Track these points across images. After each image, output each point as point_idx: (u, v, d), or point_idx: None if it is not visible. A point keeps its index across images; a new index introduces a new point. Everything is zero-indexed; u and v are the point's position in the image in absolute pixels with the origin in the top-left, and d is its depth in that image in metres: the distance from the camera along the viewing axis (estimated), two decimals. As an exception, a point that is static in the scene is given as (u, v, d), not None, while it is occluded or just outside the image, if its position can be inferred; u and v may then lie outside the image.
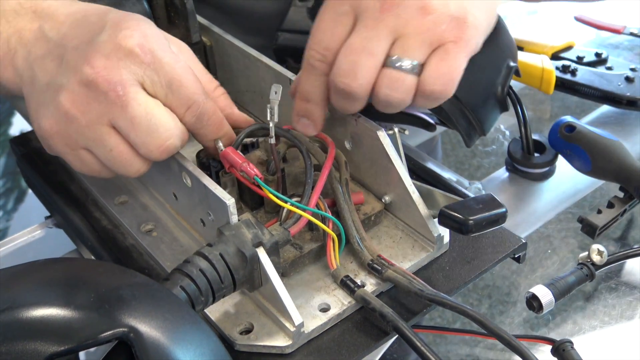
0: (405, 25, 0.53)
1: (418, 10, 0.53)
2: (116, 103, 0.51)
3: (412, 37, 0.53)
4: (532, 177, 0.76)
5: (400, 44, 0.53)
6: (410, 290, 0.54)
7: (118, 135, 0.53)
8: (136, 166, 0.54)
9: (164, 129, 0.52)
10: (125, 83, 0.51)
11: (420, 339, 0.52)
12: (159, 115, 0.52)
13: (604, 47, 0.89)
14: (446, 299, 0.53)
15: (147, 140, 0.52)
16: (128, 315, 0.41)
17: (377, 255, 0.57)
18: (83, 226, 0.66)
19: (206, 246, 0.51)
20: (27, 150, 0.76)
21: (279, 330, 0.54)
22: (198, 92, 0.54)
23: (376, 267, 0.57)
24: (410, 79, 0.53)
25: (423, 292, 0.54)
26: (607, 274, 0.67)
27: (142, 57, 0.52)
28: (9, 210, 1.81)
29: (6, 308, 0.40)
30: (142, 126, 0.52)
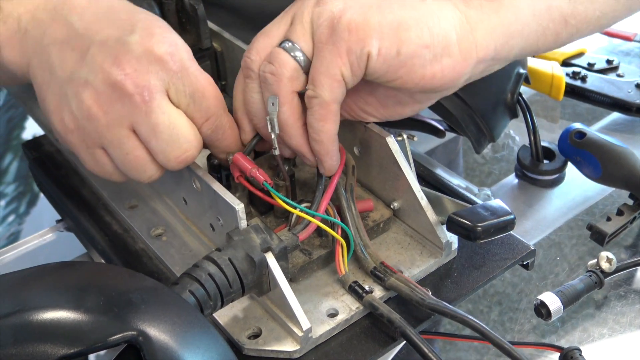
0: (300, 13, 0.53)
1: (314, 4, 0.53)
2: (141, 108, 0.51)
3: (299, 24, 0.53)
4: (542, 184, 0.76)
5: (291, 29, 0.53)
6: (411, 299, 0.55)
7: (137, 139, 0.53)
8: (149, 172, 0.55)
9: (184, 139, 0.53)
10: (152, 89, 0.51)
11: (427, 345, 0.52)
12: (181, 125, 0.53)
13: (615, 54, 0.89)
14: (447, 308, 0.53)
15: (167, 149, 0.53)
16: (137, 318, 0.41)
17: (380, 263, 0.57)
18: (94, 230, 0.67)
19: (215, 251, 0.52)
20: (39, 154, 0.76)
21: (287, 335, 0.54)
22: (218, 104, 0.55)
23: (379, 275, 0.57)
24: (289, 60, 0.52)
25: (424, 301, 0.54)
26: (616, 281, 0.67)
27: (171, 64, 0.52)
28: (21, 213, 1.82)
29: (17, 310, 0.40)
30: (164, 135, 0.52)
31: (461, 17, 0.52)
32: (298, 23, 0.53)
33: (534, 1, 0.54)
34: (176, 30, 0.70)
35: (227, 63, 0.73)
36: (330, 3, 0.52)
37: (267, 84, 0.53)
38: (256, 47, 0.54)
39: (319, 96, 0.52)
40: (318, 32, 0.52)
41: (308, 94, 0.52)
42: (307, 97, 0.52)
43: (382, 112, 0.57)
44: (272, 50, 0.53)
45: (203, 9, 0.69)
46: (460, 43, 0.52)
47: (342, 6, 0.51)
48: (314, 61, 0.52)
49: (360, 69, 0.51)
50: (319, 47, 0.52)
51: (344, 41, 0.50)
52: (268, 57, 0.53)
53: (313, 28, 0.52)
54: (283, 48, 0.52)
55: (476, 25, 0.52)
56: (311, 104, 0.52)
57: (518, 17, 0.54)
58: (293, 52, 0.52)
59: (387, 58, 0.51)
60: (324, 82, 0.51)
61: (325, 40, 0.51)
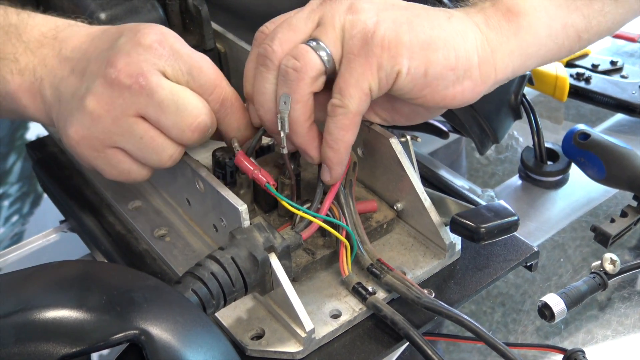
0: (331, 16, 0.52)
1: (346, 10, 0.52)
2: (141, 93, 0.52)
3: (330, 26, 0.52)
4: (545, 185, 0.76)
5: (320, 30, 0.52)
6: (407, 297, 0.55)
7: (146, 122, 0.53)
8: (169, 151, 0.55)
9: (192, 106, 0.53)
10: (146, 73, 0.52)
11: (431, 347, 0.52)
12: (185, 95, 0.53)
13: (619, 55, 0.88)
14: (443, 307, 0.53)
15: (177, 120, 0.53)
16: (139, 317, 0.41)
17: (377, 260, 0.57)
18: (97, 231, 0.67)
19: (218, 249, 0.52)
20: (43, 155, 0.77)
21: (290, 336, 0.54)
22: (219, 77, 0.55)
23: (375, 272, 0.57)
24: (314, 58, 0.51)
25: (420, 299, 0.54)
26: (620, 283, 0.67)
27: (161, 50, 0.53)
28: (25, 214, 1.82)
29: (19, 309, 0.40)
30: (170, 107, 0.53)
31: (482, 39, 0.54)
32: (329, 25, 0.52)
33: (550, 21, 0.56)
34: (180, 31, 0.70)
35: (230, 64, 0.73)
36: (364, 14, 0.52)
37: (288, 79, 0.52)
38: (280, 38, 0.53)
39: (345, 107, 0.52)
40: (350, 43, 0.51)
41: (334, 103, 0.52)
42: (331, 105, 0.52)
43: (394, 117, 0.58)
44: (298, 47, 0.52)
45: (207, 9, 0.70)
46: (481, 66, 0.53)
47: (375, 19, 0.51)
48: (343, 71, 0.52)
49: (388, 85, 0.52)
50: (350, 57, 0.51)
51: (375, 57, 0.51)
52: (293, 52, 0.52)
53: (344, 36, 0.52)
54: (310, 46, 0.52)
55: (496, 48, 0.54)
56: (335, 113, 0.52)
57: (535, 38, 0.55)
58: (320, 52, 0.52)
59: (415, 77, 0.52)
60: (352, 93, 0.51)
61: (357, 52, 0.51)
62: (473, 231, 0.55)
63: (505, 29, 0.55)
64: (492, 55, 0.54)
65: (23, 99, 0.58)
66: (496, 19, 0.55)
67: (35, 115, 0.59)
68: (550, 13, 0.56)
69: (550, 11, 0.56)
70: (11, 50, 0.58)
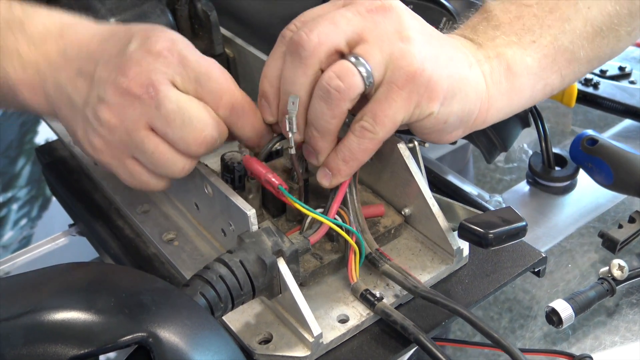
0: (378, 34, 0.51)
1: (395, 33, 0.52)
2: (150, 104, 0.52)
3: (376, 48, 0.51)
4: (553, 191, 0.76)
5: (365, 47, 0.51)
6: (404, 286, 0.55)
7: (157, 136, 0.54)
8: (180, 164, 0.55)
9: (197, 120, 0.53)
10: (156, 84, 0.52)
11: (442, 351, 0.52)
12: (191, 108, 0.53)
13: (627, 61, 0.88)
14: (439, 297, 0.54)
15: (183, 134, 0.53)
16: (147, 320, 0.41)
17: (376, 249, 0.58)
18: (106, 235, 0.67)
19: (226, 253, 0.52)
20: (52, 159, 0.77)
21: (297, 341, 0.54)
22: (227, 83, 0.55)
23: (374, 261, 0.57)
24: (358, 80, 0.51)
25: (417, 288, 0.55)
26: (628, 289, 0.67)
27: (170, 58, 0.53)
28: (33, 217, 1.83)
29: (29, 311, 0.40)
30: (176, 121, 0.52)
31: (486, 94, 0.56)
32: (375, 47, 0.51)
33: (535, 83, 0.59)
34: (189, 36, 0.71)
35: (239, 69, 0.74)
36: (413, 45, 0.51)
37: (329, 98, 0.51)
38: (319, 30, 0.51)
39: (375, 133, 0.52)
40: (396, 74, 0.51)
41: (364, 126, 0.52)
42: (361, 128, 0.52)
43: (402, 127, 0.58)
44: (343, 65, 0.51)
45: (216, 15, 0.70)
46: (477, 119, 0.57)
47: (423, 55, 0.51)
48: (382, 99, 0.52)
49: (415, 120, 0.53)
50: (392, 88, 0.51)
51: (417, 95, 0.51)
52: (337, 70, 0.51)
53: (390, 64, 0.51)
54: (354, 66, 0.51)
55: (492, 105, 0.57)
56: (363, 135, 0.53)
57: (521, 99, 0.59)
58: (363, 74, 0.51)
59: (438, 122, 0.54)
60: (386, 124, 0.52)
61: (401, 85, 0.51)
62: (481, 237, 0.55)
63: (502, 86, 0.57)
64: (488, 111, 0.57)
65: (25, 92, 0.58)
66: (498, 74, 0.57)
67: (35, 109, 0.59)
68: (537, 75, 0.59)
69: (537, 73, 0.59)
70: (13, 43, 0.57)
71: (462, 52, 0.56)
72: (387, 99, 0.51)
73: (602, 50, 0.63)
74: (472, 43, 0.57)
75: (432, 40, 0.53)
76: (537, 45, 0.58)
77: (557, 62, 0.59)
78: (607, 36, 0.62)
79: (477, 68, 0.56)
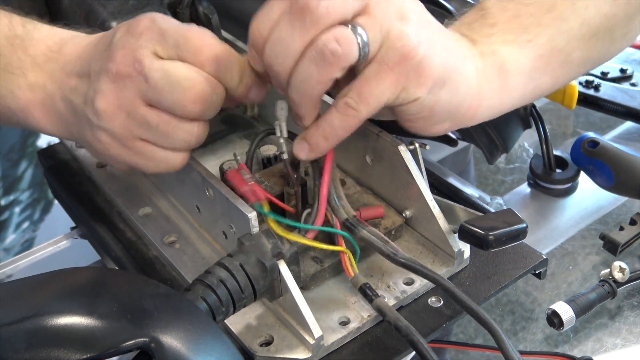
0: (380, 9, 0.50)
1: (396, 11, 0.51)
2: (140, 80, 0.53)
3: (377, 23, 0.50)
4: (554, 193, 0.76)
5: (367, 21, 0.50)
6: (382, 252, 0.55)
7: (155, 109, 0.54)
8: (187, 129, 0.54)
9: (184, 79, 0.52)
10: (140, 58, 0.52)
11: (433, 354, 0.51)
12: (176, 70, 0.53)
13: (628, 63, 0.88)
14: (417, 264, 0.54)
15: (175, 97, 0.53)
16: (149, 325, 0.41)
17: (353, 215, 0.57)
18: (107, 237, 0.67)
19: (227, 256, 0.52)
20: (54, 162, 0.77)
21: (299, 343, 0.54)
22: (206, 38, 0.54)
23: (350, 226, 0.56)
24: (354, 51, 0.49)
25: (395, 255, 0.54)
26: (629, 291, 0.67)
27: (150, 33, 0.53)
28: (36, 220, 1.83)
29: (31, 315, 0.40)
30: (165, 87, 0.52)
31: (477, 90, 0.55)
32: (376, 23, 0.50)
33: (526, 83, 0.58)
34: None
35: (240, 72, 0.74)
36: (411, 26, 0.50)
37: (322, 60, 0.49)
38: (329, 2, 0.48)
39: (359, 111, 0.51)
40: (389, 53, 0.50)
41: (348, 103, 0.51)
42: (344, 104, 0.51)
43: (390, 116, 0.57)
44: (344, 31, 0.49)
45: (217, 18, 0.70)
46: (465, 114, 0.56)
47: (419, 39, 0.50)
48: (370, 77, 0.51)
49: (400, 103, 0.52)
50: (382, 67, 0.50)
51: (406, 77, 0.51)
52: (337, 34, 0.49)
53: (386, 41, 0.50)
54: (354, 33, 0.49)
55: (482, 102, 0.56)
56: (346, 112, 0.51)
57: (511, 99, 0.59)
58: (361, 43, 0.49)
59: (423, 108, 0.53)
60: (371, 103, 0.51)
61: (391, 65, 0.50)
62: (481, 239, 0.55)
63: (494, 84, 0.56)
64: (477, 107, 0.56)
65: (35, 113, 0.58)
66: (491, 72, 0.56)
67: (49, 130, 0.60)
68: (529, 75, 0.58)
69: (530, 73, 0.58)
70: (18, 64, 0.58)
71: (459, 44, 0.55)
72: (376, 78, 0.51)
73: (596, 52, 0.63)
74: (467, 39, 0.57)
75: (430, 26, 0.53)
76: (532, 45, 0.58)
77: (550, 63, 0.59)
78: (602, 38, 0.62)
79: (470, 63, 0.55)
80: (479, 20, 0.59)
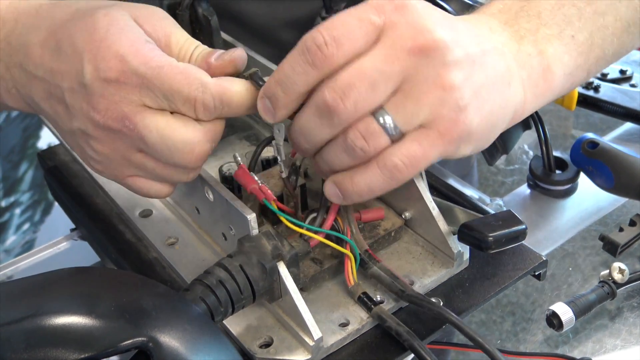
0: (417, 83, 0.47)
1: (436, 79, 0.47)
2: (132, 136, 0.51)
3: (412, 100, 0.48)
4: (554, 194, 0.76)
5: (399, 101, 0.48)
6: (391, 289, 0.55)
7: (152, 157, 0.53)
8: (183, 176, 0.54)
9: (182, 143, 0.51)
10: (130, 116, 0.50)
11: (434, 359, 0.51)
12: (172, 132, 0.51)
13: (628, 64, 0.88)
14: (425, 300, 0.54)
15: (175, 158, 0.52)
16: (148, 325, 0.41)
17: (365, 250, 0.58)
18: (107, 239, 0.67)
19: (226, 257, 0.52)
20: (54, 163, 0.77)
21: (298, 345, 0.54)
22: (193, 85, 0.50)
23: (362, 262, 0.57)
24: (384, 141, 0.48)
25: (404, 292, 0.55)
26: (629, 292, 0.67)
27: (129, 82, 0.50)
28: (36, 222, 1.84)
29: (30, 315, 0.41)
30: (163, 150, 0.51)
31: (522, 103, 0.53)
32: (412, 99, 0.47)
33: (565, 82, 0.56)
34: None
35: (240, 73, 0.74)
36: (455, 94, 0.47)
37: (352, 153, 0.48)
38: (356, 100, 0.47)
39: (407, 175, 0.49)
40: (436, 122, 0.48)
41: (397, 166, 0.48)
42: (393, 166, 0.48)
43: None
44: (371, 126, 0.47)
45: (216, 20, 0.70)
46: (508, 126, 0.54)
47: (465, 102, 0.48)
48: (420, 141, 0.48)
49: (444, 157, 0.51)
50: (430, 135, 0.48)
51: (456, 142, 0.49)
52: (363, 130, 0.47)
53: (430, 112, 0.48)
54: (383, 127, 0.47)
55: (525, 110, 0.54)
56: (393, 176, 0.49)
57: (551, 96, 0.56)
58: (391, 132, 0.48)
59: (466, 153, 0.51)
60: (420, 167, 0.49)
61: (440, 134, 0.48)
62: (481, 240, 0.55)
63: (539, 89, 0.54)
64: (522, 115, 0.54)
65: (10, 102, 0.57)
66: (537, 75, 0.54)
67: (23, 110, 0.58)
68: (571, 74, 0.56)
69: (571, 72, 0.56)
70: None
71: (503, 59, 0.52)
72: (426, 144, 0.48)
73: (625, 46, 0.61)
74: (513, 35, 0.54)
75: (474, 74, 0.49)
76: (574, 42, 0.56)
77: (589, 59, 0.57)
78: (633, 32, 0.60)
79: (517, 81, 0.52)
80: (523, 9, 0.56)
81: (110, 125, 0.51)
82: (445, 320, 0.53)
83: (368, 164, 0.49)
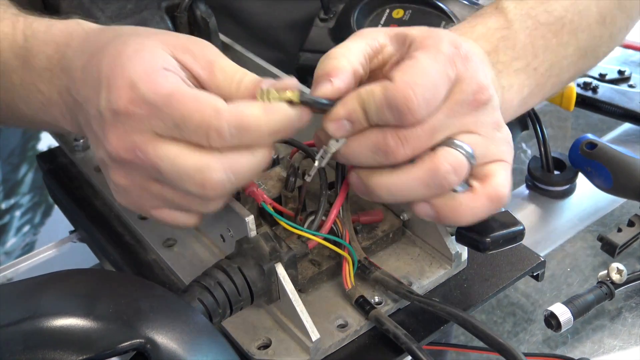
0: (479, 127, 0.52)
1: (494, 123, 0.52)
2: (146, 166, 0.49)
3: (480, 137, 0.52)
4: (553, 195, 0.76)
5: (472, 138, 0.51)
6: (398, 293, 0.55)
7: (170, 186, 0.51)
8: (205, 207, 0.52)
9: (193, 171, 0.48)
10: (140, 146, 0.49)
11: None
12: (185, 161, 0.48)
13: (626, 65, 0.88)
14: (434, 302, 0.54)
15: (187, 186, 0.49)
16: (146, 326, 0.41)
17: (365, 257, 0.58)
18: (106, 241, 0.67)
19: (224, 259, 0.52)
20: (53, 166, 0.77)
21: (296, 346, 0.54)
22: (205, 112, 0.48)
23: (363, 269, 0.57)
24: (467, 165, 0.51)
25: (412, 294, 0.55)
26: (627, 293, 0.67)
27: (139, 111, 0.48)
28: (36, 224, 1.84)
29: (28, 317, 0.41)
30: (177, 180, 0.49)
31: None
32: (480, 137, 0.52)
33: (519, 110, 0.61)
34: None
35: (238, 75, 0.74)
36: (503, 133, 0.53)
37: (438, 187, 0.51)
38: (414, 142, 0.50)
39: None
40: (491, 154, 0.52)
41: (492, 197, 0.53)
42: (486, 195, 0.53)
43: None
44: (458, 158, 0.50)
45: (215, 21, 0.70)
46: None
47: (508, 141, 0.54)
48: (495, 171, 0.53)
49: None
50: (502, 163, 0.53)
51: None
52: (454, 164, 0.50)
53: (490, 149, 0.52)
54: (467, 158, 0.51)
55: None
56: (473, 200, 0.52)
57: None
58: (473, 162, 0.51)
59: None
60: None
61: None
62: (478, 241, 0.55)
63: None
64: None
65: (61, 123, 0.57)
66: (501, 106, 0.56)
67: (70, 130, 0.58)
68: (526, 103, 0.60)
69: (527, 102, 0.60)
70: (29, 79, 0.56)
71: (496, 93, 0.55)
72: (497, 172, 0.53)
73: (581, 71, 0.66)
74: (492, 68, 0.57)
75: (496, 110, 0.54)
76: (536, 74, 0.59)
77: (544, 88, 0.61)
78: (589, 58, 0.64)
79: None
80: (502, 41, 0.59)
81: (121, 156, 0.49)
82: (458, 320, 0.52)
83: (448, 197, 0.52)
